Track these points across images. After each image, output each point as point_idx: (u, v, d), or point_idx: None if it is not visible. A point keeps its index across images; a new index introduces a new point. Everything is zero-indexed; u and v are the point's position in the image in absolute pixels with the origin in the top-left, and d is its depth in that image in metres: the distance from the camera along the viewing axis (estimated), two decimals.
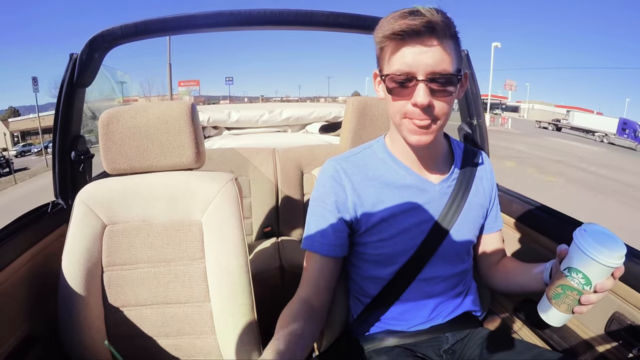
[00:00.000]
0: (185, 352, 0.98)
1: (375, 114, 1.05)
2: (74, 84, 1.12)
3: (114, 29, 1.05)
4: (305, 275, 0.83)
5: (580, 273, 0.63)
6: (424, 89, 0.67)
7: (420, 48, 0.66)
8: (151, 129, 0.99)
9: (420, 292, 0.85)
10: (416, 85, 0.68)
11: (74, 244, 0.95)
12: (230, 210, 0.98)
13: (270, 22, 1.08)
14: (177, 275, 0.97)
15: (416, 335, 0.85)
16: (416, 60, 0.66)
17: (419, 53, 0.66)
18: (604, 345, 0.86)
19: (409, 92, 0.69)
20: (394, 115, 0.74)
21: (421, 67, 0.66)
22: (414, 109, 0.69)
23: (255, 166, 1.87)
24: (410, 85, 0.68)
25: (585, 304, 0.64)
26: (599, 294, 0.64)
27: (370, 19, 1.13)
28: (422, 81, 0.67)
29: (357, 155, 0.86)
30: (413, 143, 0.74)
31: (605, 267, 0.61)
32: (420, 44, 0.66)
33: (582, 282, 0.63)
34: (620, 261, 0.61)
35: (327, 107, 2.49)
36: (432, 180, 0.83)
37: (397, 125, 0.76)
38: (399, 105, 0.72)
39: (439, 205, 0.83)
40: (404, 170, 0.83)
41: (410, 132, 0.73)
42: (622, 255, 0.61)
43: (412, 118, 0.71)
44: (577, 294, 0.64)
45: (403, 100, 0.70)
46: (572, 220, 1.02)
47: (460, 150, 0.90)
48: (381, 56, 0.73)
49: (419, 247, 0.82)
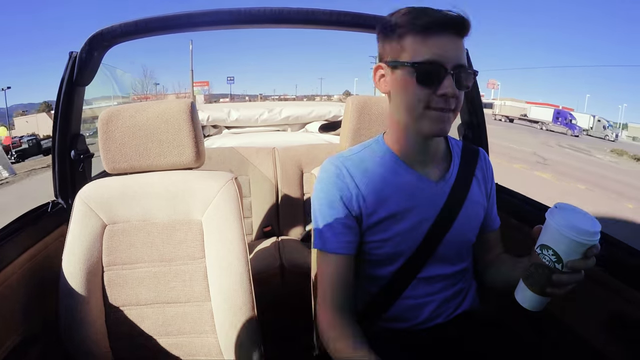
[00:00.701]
0: (186, 351, 0.98)
1: (375, 113, 1.05)
2: (73, 83, 1.11)
3: (114, 27, 1.04)
4: (325, 279, 0.81)
5: (550, 249, 0.63)
6: (451, 80, 0.70)
7: (447, 41, 0.69)
8: (151, 128, 0.98)
9: (420, 292, 0.84)
10: (445, 75, 0.70)
11: (74, 243, 0.95)
12: (230, 209, 0.97)
13: (270, 20, 1.08)
14: (177, 275, 0.97)
15: (416, 335, 0.85)
16: (446, 51, 0.69)
17: (447, 45, 0.69)
18: (604, 344, 0.86)
19: (436, 82, 0.70)
20: (415, 105, 0.73)
21: (449, 59, 0.69)
22: (439, 99, 0.71)
23: (255, 165, 1.87)
24: (439, 76, 0.70)
25: (558, 285, 0.63)
26: (572, 275, 0.63)
27: (371, 18, 1.12)
28: (450, 72, 0.70)
29: (358, 154, 0.86)
30: (435, 132, 0.75)
31: (575, 242, 0.61)
32: (447, 37, 0.69)
33: (552, 259, 0.63)
34: (591, 238, 0.60)
35: (326, 106, 2.49)
36: (431, 179, 0.83)
37: (415, 116, 0.74)
38: (423, 94, 0.71)
39: (438, 204, 0.82)
40: (403, 169, 0.82)
41: (434, 122, 0.73)
42: (592, 232, 0.60)
43: (436, 108, 0.72)
44: (549, 272, 0.63)
45: (428, 90, 0.71)
46: None
47: (459, 148, 0.90)
48: (399, 46, 0.72)
49: (418, 246, 0.82)
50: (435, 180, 0.83)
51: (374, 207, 0.80)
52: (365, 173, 0.82)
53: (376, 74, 0.80)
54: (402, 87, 0.74)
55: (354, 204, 0.80)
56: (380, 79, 0.79)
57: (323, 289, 0.81)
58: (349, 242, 0.80)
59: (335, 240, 0.80)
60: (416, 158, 0.82)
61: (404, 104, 0.75)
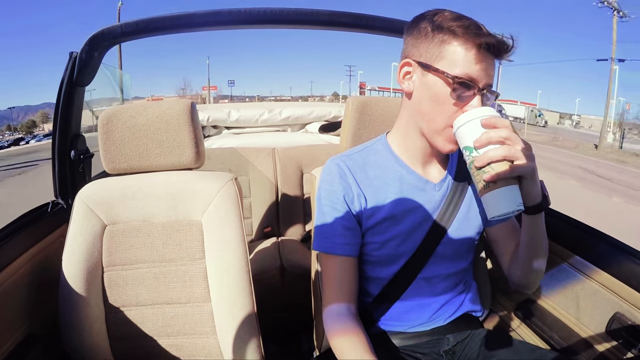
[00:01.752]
0: (186, 352, 0.98)
1: (375, 114, 1.05)
2: (73, 83, 1.11)
3: (114, 27, 1.04)
4: (329, 281, 0.81)
5: (464, 149, 0.66)
6: (479, 100, 0.69)
7: (487, 62, 0.68)
8: (151, 128, 0.98)
9: (420, 292, 0.84)
10: (474, 95, 0.69)
11: (74, 244, 0.95)
12: (230, 210, 0.97)
13: (270, 20, 1.08)
14: (177, 275, 0.97)
15: (416, 337, 0.85)
16: (485, 71, 0.68)
17: (487, 66, 0.68)
18: (605, 345, 0.86)
19: (467, 98, 0.69)
20: (439, 120, 0.71)
21: (483, 79, 0.68)
22: None
23: (255, 166, 1.87)
24: (469, 94, 0.69)
25: (481, 166, 0.63)
26: (485, 149, 0.63)
27: (371, 18, 1.13)
28: (480, 92, 0.69)
29: (360, 154, 0.86)
30: (446, 151, 0.74)
31: (470, 123, 0.65)
32: (488, 59, 0.68)
33: (468, 153, 0.65)
34: (483, 112, 0.65)
35: (326, 106, 2.48)
36: (431, 180, 0.83)
37: (436, 131, 0.73)
38: (452, 110, 0.70)
39: (437, 204, 0.82)
40: (404, 169, 0.82)
41: (449, 141, 0.73)
42: (484, 110, 0.65)
43: None
44: (474, 164, 0.65)
45: (456, 107, 0.69)
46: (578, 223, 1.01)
47: None
48: (439, 51, 0.69)
49: (418, 247, 0.82)
50: (435, 181, 0.83)
51: (374, 207, 0.80)
52: (366, 173, 0.82)
53: (401, 70, 0.76)
54: (431, 95, 0.71)
55: (355, 204, 0.80)
56: (405, 76, 0.76)
57: (327, 291, 0.81)
58: (350, 244, 0.80)
59: (337, 242, 0.79)
60: (418, 159, 0.82)
61: (428, 113, 0.73)
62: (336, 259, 0.80)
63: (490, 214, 0.65)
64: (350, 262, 0.81)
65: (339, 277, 0.80)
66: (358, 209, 0.80)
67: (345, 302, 0.79)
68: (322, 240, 0.81)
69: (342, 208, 0.80)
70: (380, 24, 1.14)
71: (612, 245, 0.90)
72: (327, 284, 0.81)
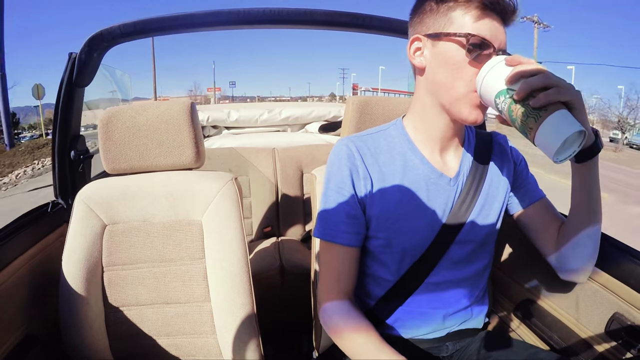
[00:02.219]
0: (186, 352, 0.98)
1: (375, 113, 1.05)
2: (73, 84, 1.11)
3: (113, 28, 1.04)
4: (328, 269, 0.76)
5: (497, 97, 0.62)
6: None
7: (496, 24, 0.66)
8: (151, 128, 0.99)
9: (428, 298, 0.79)
10: (491, 55, 0.65)
11: (74, 243, 0.95)
12: (230, 210, 0.97)
13: (270, 20, 1.08)
14: (177, 275, 0.97)
15: (415, 346, 0.81)
16: (496, 32, 0.66)
17: (497, 28, 0.66)
18: (604, 345, 0.86)
19: (482, 59, 0.65)
20: (460, 85, 0.67)
21: (496, 39, 0.65)
22: None
23: (255, 166, 1.87)
24: (485, 53, 0.65)
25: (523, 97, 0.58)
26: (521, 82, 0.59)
27: (369, 18, 1.13)
28: (497, 53, 0.65)
29: (372, 137, 0.80)
30: (471, 120, 0.69)
31: (495, 68, 0.62)
32: (497, 21, 0.66)
33: (503, 98, 0.61)
34: (503, 57, 0.63)
35: (326, 106, 2.48)
36: (446, 173, 0.77)
37: (457, 98, 0.68)
38: (472, 73, 0.66)
39: (451, 201, 0.77)
40: (419, 158, 0.76)
41: (474, 108, 0.68)
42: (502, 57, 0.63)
43: None
44: (512, 102, 0.60)
45: (476, 68, 0.65)
46: None
47: (473, 136, 0.83)
48: (446, 19, 0.67)
49: (429, 247, 0.76)
50: (450, 175, 0.77)
51: (380, 195, 0.75)
52: (376, 158, 0.76)
53: (411, 47, 0.72)
54: (446, 62, 0.67)
55: (362, 187, 0.75)
56: (415, 52, 0.72)
57: (325, 283, 0.76)
58: (353, 233, 0.75)
59: (340, 230, 0.74)
60: (436, 144, 0.77)
61: (446, 82, 0.68)
62: (338, 248, 0.75)
63: (554, 145, 0.55)
64: (352, 253, 0.76)
65: (339, 268, 0.75)
66: (363, 193, 0.75)
67: (344, 297, 0.74)
68: (325, 228, 0.76)
69: (348, 193, 0.74)
70: (378, 23, 1.13)
71: (611, 245, 0.90)
72: (325, 276, 0.76)
